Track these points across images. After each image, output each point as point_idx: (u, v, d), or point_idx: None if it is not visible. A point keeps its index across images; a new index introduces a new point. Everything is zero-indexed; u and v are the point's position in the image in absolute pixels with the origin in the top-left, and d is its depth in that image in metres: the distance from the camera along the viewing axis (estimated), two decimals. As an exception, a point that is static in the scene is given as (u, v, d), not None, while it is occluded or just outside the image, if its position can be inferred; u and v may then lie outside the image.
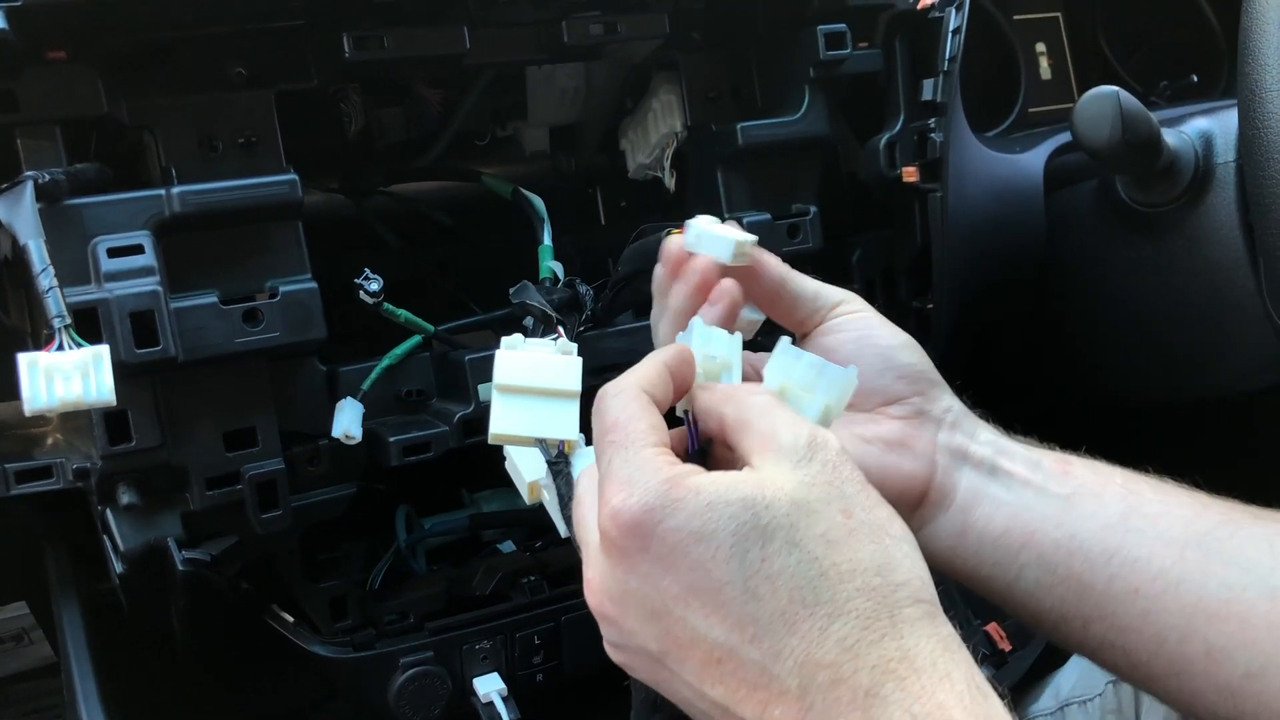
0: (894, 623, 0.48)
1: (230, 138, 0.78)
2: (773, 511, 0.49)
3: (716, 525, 0.49)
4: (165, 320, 0.71)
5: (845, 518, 0.50)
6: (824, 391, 0.58)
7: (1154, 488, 0.63)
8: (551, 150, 1.11)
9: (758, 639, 0.48)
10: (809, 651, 0.47)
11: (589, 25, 0.87)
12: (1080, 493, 0.63)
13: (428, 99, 0.99)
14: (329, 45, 0.80)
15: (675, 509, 0.49)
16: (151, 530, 0.77)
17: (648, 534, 0.50)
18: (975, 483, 0.65)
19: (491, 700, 0.87)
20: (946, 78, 0.97)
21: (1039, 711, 0.96)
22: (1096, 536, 0.61)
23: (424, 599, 0.91)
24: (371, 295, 0.77)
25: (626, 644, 0.53)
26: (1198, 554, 0.59)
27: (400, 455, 0.81)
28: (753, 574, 0.48)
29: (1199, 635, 0.57)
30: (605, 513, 0.51)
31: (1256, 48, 0.85)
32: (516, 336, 0.65)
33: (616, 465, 0.52)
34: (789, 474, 0.50)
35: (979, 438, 0.67)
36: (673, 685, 0.52)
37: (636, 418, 0.54)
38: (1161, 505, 0.62)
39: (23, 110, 0.73)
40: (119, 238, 0.72)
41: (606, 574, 0.52)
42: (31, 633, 1.27)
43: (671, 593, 0.49)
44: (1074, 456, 0.66)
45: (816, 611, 0.47)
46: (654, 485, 0.50)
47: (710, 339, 0.62)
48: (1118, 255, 1.07)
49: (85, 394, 0.62)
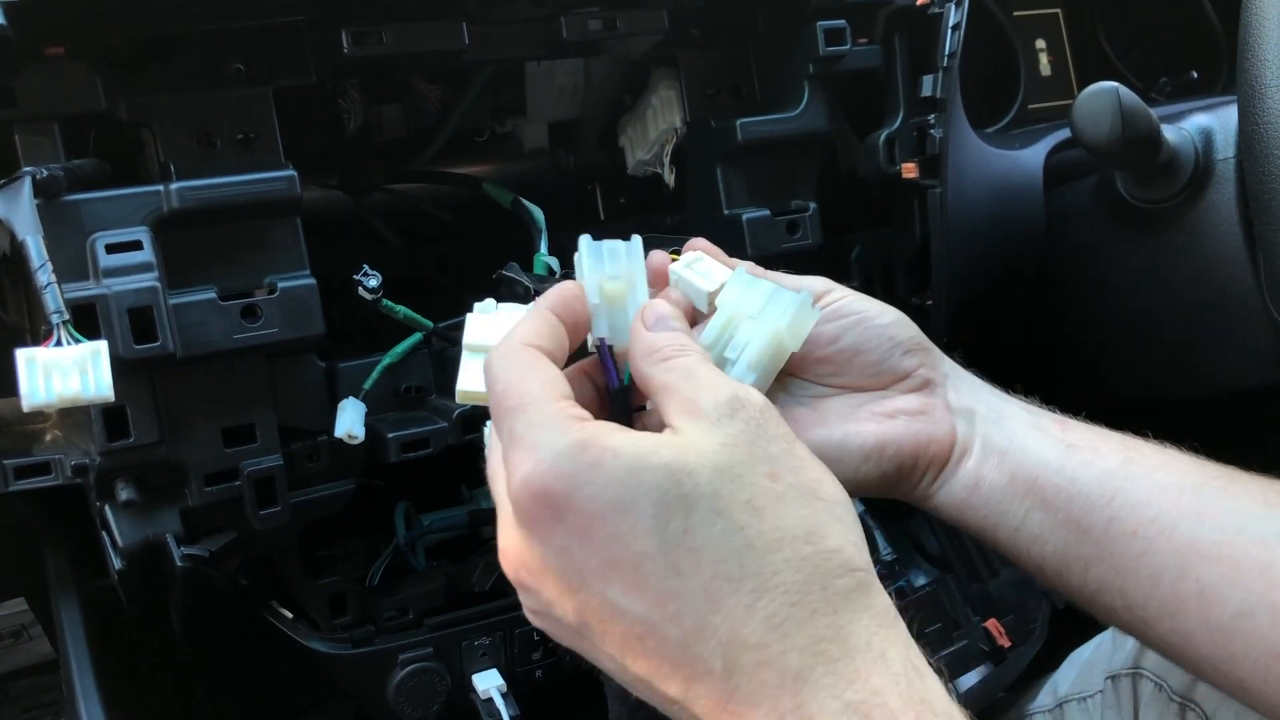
0: (825, 596, 0.45)
1: (229, 134, 0.78)
2: (695, 479, 0.46)
3: (637, 494, 0.46)
4: (164, 316, 0.71)
5: (771, 481, 0.47)
6: (772, 318, 0.55)
7: (1150, 444, 0.65)
8: (551, 147, 1.11)
9: (679, 616, 0.45)
10: (734, 630, 0.44)
11: (588, 21, 0.87)
12: (1080, 444, 0.64)
13: (427, 96, 0.99)
14: (328, 41, 0.79)
15: (591, 475, 0.46)
16: (150, 526, 0.77)
17: (562, 503, 0.46)
18: (986, 435, 0.66)
19: (491, 696, 0.87)
20: (946, 74, 0.97)
21: (1037, 709, 0.96)
22: (1096, 481, 0.62)
23: (423, 595, 0.91)
24: (370, 291, 0.77)
25: (545, 612, 0.50)
26: (1194, 500, 0.60)
27: (399, 451, 0.81)
28: (674, 547, 0.45)
29: (1192, 575, 0.58)
30: (515, 481, 0.47)
31: (1256, 44, 0.85)
32: (489, 301, 0.64)
33: (520, 429, 0.48)
34: (710, 436, 0.48)
35: (979, 395, 0.68)
36: (596, 656, 0.50)
37: (527, 377, 0.50)
38: (1158, 458, 0.63)
39: (21, 106, 0.72)
40: (117, 234, 0.72)
41: (520, 543, 0.49)
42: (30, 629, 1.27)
43: (589, 566, 0.46)
44: (1070, 418, 0.67)
45: (742, 586, 0.45)
46: (564, 448, 0.47)
47: (604, 257, 0.57)
48: (1117, 252, 1.07)
49: (84, 390, 0.62)
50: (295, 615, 0.87)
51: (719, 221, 0.95)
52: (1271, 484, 0.61)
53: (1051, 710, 0.95)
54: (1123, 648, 0.89)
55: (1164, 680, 0.83)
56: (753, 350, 0.56)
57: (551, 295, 0.55)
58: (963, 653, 0.99)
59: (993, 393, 0.69)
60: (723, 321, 0.56)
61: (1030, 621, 1.00)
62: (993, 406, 0.68)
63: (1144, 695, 0.85)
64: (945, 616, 1.01)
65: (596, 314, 0.57)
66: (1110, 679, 0.89)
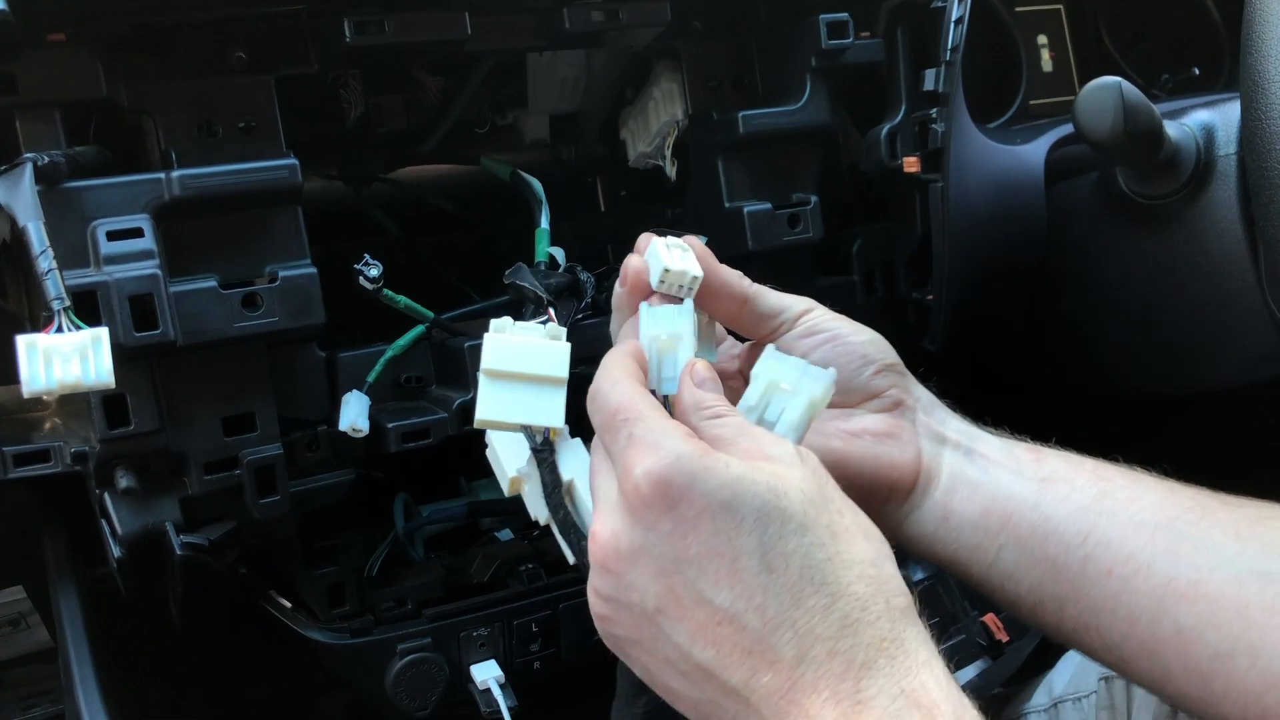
0: (888, 608, 0.52)
1: (230, 122, 0.78)
2: (790, 498, 0.53)
3: (744, 499, 0.52)
4: (164, 304, 0.71)
5: (841, 517, 0.55)
6: (808, 389, 0.62)
7: (1123, 474, 0.65)
8: (552, 139, 1.10)
9: (764, 608, 0.51)
10: (810, 625, 0.51)
11: (590, 12, 0.87)
12: (1053, 477, 0.65)
13: (428, 87, 0.99)
14: (329, 30, 0.79)
15: (708, 476, 0.53)
16: (149, 515, 0.77)
17: (678, 495, 0.53)
18: (955, 466, 0.67)
19: (489, 687, 0.87)
20: (948, 68, 0.97)
21: (1033, 709, 0.96)
22: (1070, 519, 0.63)
23: (422, 586, 0.91)
24: (371, 281, 0.77)
25: (620, 597, 0.55)
26: (1167, 537, 0.60)
27: (399, 441, 0.81)
28: (770, 549, 0.52)
29: (1169, 615, 0.59)
30: (637, 472, 0.53)
31: (1259, 39, 0.85)
32: (505, 319, 0.65)
33: (640, 432, 0.55)
34: (791, 473, 0.54)
35: (950, 425, 0.69)
36: (655, 643, 0.55)
37: (638, 398, 0.57)
38: (1131, 490, 0.63)
39: (22, 93, 0.73)
40: (118, 221, 0.72)
41: (622, 528, 0.54)
42: (29, 617, 1.27)
43: (688, 554, 0.52)
44: (1043, 447, 0.68)
45: (822, 590, 0.51)
46: (686, 450, 0.53)
47: (656, 318, 0.63)
48: (1118, 247, 1.07)
49: (84, 376, 0.62)
50: (294, 605, 0.87)
51: (720, 214, 0.95)
52: (1242, 514, 0.61)
53: (1046, 710, 0.95)
54: None
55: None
56: (791, 414, 0.62)
57: (632, 345, 0.63)
58: (960, 647, 0.99)
59: (964, 422, 0.69)
60: (761, 389, 0.62)
61: (1028, 616, 1.00)
62: (965, 434, 0.68)
63: (1138, 697, 0.85)
64: (943, 611, 1.01)
65: (648, 365, 0.63)
66: (1104, 680, 0.89)
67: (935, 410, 0.69)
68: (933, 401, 0.70)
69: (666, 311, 0.64)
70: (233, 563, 0.82)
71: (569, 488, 0.64)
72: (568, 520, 0.63)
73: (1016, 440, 0.68)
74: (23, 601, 1.24)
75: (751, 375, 0.64)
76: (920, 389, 0.70)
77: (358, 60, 0.91)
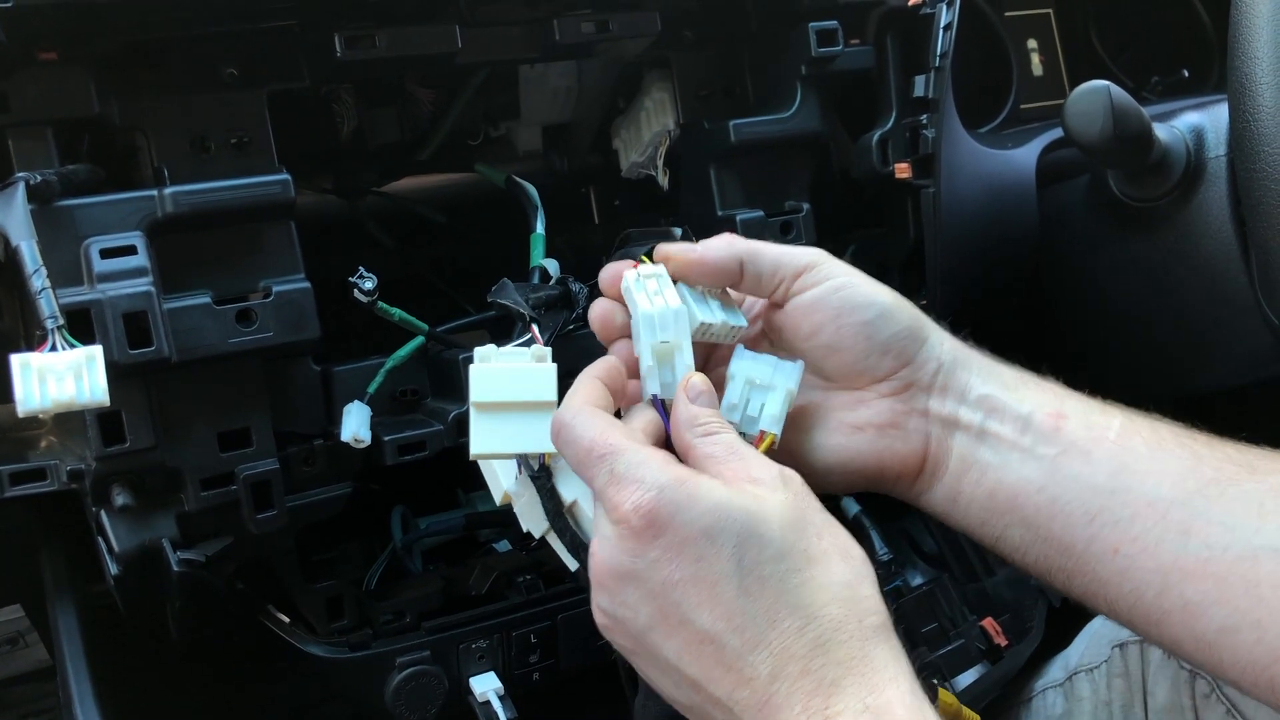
0: (860, 628, 0.55)
1: (222, 138, 0.78)
2: (768, 525, 0.56)
3: (723, 526, 0.55)
4: (158, 321, 0.71)
5: (819, 540, 0.57)
6: (782, 382, 0.66)
7: (1149, 441, 0.63)
8: (544, 150, 1.11)
9: (742, 629, 0.54)
10: (785, 646, 0.54)
11: (581, 24, 0.87)
12: (1068, 452, 0.64)
13: (420, 99, 0.99)
14: (320, 45, 0.79)
15: (689, 505, 0.56)
16: (146, 531, 0.77)
17: (664, 525, 0.56)
18: (964, 450, 0.66)
19: (488, 699, 0.87)
20: (938, 74, 0.98)
21: (1049, 683, 0.97)
22: (1079, 499, 0.62)
23: (420, 598, 0.91)
24: (366, 294, 0.77)
25: (615, 613, 0.59)
26: (1183, 514, 0.60)
27: (396, 454, 0.81)
28: (747, 574, 0.55)
29: (1175, 591, 0.59)
30: (626, 507, 0.56)
31: (1247, 41, 0.85)
32: (490, 348, 0.67)
33: (621, 468, 0.58)
34: (773, 497, 0.57)
35: (970, 397, 0.67)
36: (651, 655, 0.58)
37: (608, 430, 0.60)
38: (1152, 461, 0.62)
39: (14, 111, 0.73)
40: (111, 238, 0.72)
41: (615, 552, 0.57)
42: (27, 636, 1.27)
43: (673, 579, 0.56)
44: (1070, 405, 0.65)
45: (796, 613, 0.54)
46: (667, 481, 0.56)
47: (656, 326, 0.65)
48: (1110, 250, 1.07)
49: (79, 394, 0.62)
50: (292, 619, 0.87)
51: (713, 222, 0.95)
52: (1270, 483, 0.60)
53: (1062, 684, 0.96)
54: None
55: None
56: (772, 407, 0.66)
57: (598, 366, 0.65)
58: (959, 652, 0.99)
59: (985, 391, 0.67)
60: (740, 388, 0.66)
61: (1027, 620, 1.00)
62: (982, 408, 0.66)
63: (1152, 662, 0.85)
64: (942, 616, 1.01)
65: (650, 374, 0.65)
66: (1118, 647, 0.89)
67: (953, 383, 0.67)
68: (952, 370, 0.67)
69: (664, 317, 0.65)
70: (230, 578, 0.82)
71: (571, 508, 0.64)
72: (576, 540, 0.64)
73: (1041, 400, 0.66)
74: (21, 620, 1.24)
75: (728, 375, 0.67)
76: (939, 353, 0.67)
77: (349, 74, 0.91)
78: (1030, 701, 0.98)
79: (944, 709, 0.89)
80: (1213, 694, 0.79)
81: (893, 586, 1.03)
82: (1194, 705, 0.80)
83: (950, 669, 0.99)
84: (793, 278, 0.68)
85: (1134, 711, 0.85)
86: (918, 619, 1.01)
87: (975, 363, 0.68)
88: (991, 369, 0.68)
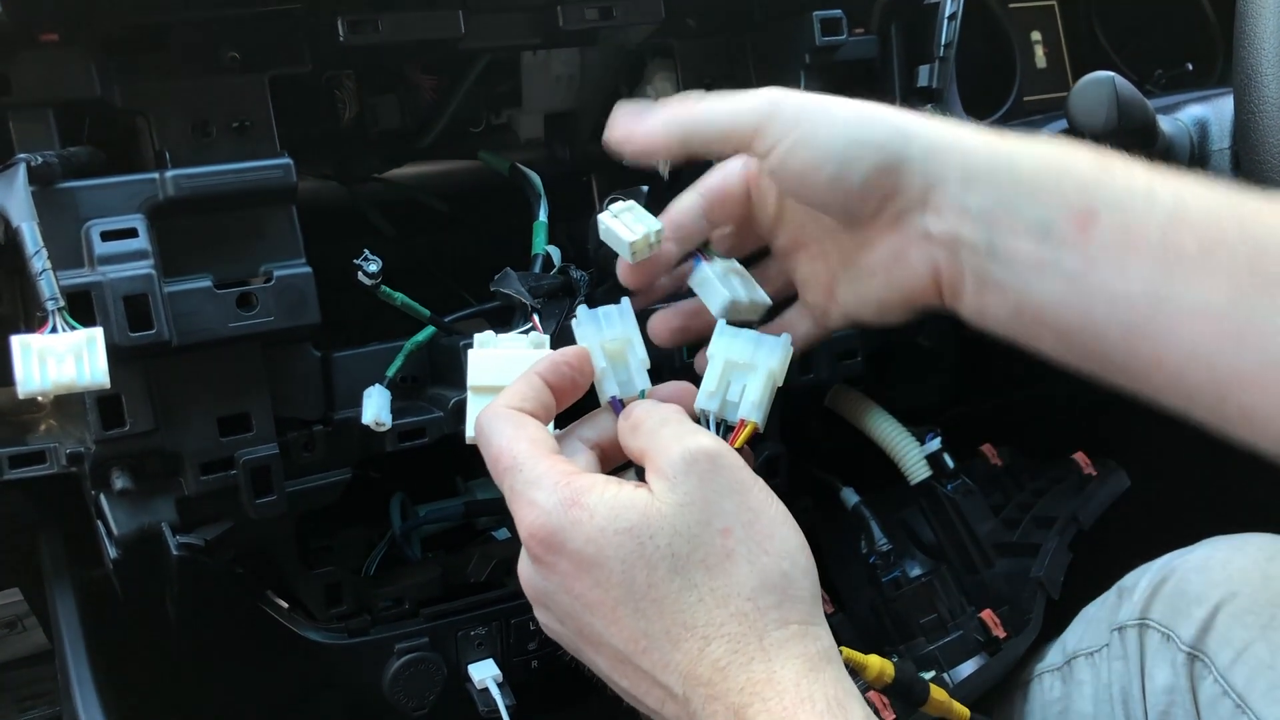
0: (762, 646, 0.52)
1: (224, 122, 0.78)
2: (656, 541, 0.53)
3: (606, 553, 0.53)
4: (159, 304, 0.70)
5: (724, 539, 0.53)
6: (765, 361, 0.63)
7: (1202, 237, 0.53)
8: (546, 138, 1.10)
9: (648, 651, 0.53)
10: (690, 668, 0.52)
11: (584, 10, 0.87)
12: (1101, 259, 0.55)
13: (422, 86, 0.99)
14: (323, 29, 0.79)
15: (574, 531, 0.54)
16: (145, 515, 0.77)
17: (556, 549, 0.55)
18: (977, 269, 0.59)
19: (487, 686, 0.88)
20: (942, 64, 0.97)
21: (1048, 667, 0.97)
22: (1113, 315, 0.55)
23: (419, 585, 0.91)
24: (370, 276, 0.77)
25: (551, 627, 0.59)
26: (1236, 324, 0.52)
27: (396, 441, 0.81)
28: (641, 597, 0.53)
29: (1232, 400, 0.53)
30: (522, 530, 0.56)
31: (1252, 32, 0.85)
32: (489, 333, 0.67)
33: (518, 487, 0.56)
34: (669, 496, 0.54)
35: (972, 210, 0.58)
36: (590, 664, 0.58)
37: (515, 439, 0.58)
38: (1203, 263, 0.53)
39: (15, 93, 0.72)
40: (112, 221, 0.71)
41: (531, 573, 0.58)
42: (25, 620, 1.27)
43: (581, 601, 0.55)
44: (1104, 198, 0.56)
45: (695, 633, 0.52)
46: (553, 506, 0.54)
47: (600, 322, 0.64)
48: (1113, 242, 1.07)
49: (79, 376, 0.62)
50: (291, 605, 0.87)
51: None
52: None
53: (1060, 668, 0.95)
54: (1129, 600, 0.89)
55: (1172, 630, 0.83)
56: (753, 392, 0.62)
57: (544, 363, 0.62)
58: (958, 643, 0.99)
59: (984, 202, 0.58)
60: (719, 371, 0.63)
61: (1025, 612, 1.00)
62: (983, 230, 0.58)
63: (1150, 646, 0.85)
64: (941, 607, 1.01)
65: (605, 376, 0.63)
66: (1116, 631, 0.89)
67: (947, 195, 0.59)
68: (943, 178, 0.59)
69: (608, 313, 0.64)
70: (229, 563, 0.82)
71: None
72: None
73: (1068, 183, 0.57)
74: (19, 604, 1.25)
75: (707, 356, 0.64)
76: (927, 168, 0.59)
77: (352, 59, 0.91)
78: (1028, 685, 0.98)
79: (935, 705, 0.90)
80: (1210, 676, 0.79)
81: (891, 577, 1.03)
82: (1191, 687, 0.80)
83: (948, 660, 0.99)
84: (750, 136, 0.62)
85: (1132, 694, 0.85)
86: (916, 610, 1.01)
87: (975, 165, 0.59)
88: (998, 168, 0.58)
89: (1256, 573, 0.82)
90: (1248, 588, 0.81)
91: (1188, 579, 0.85)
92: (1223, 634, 0.80)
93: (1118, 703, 0.87)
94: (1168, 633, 0.83)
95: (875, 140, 0.60)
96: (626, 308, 0.65)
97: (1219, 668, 0.79)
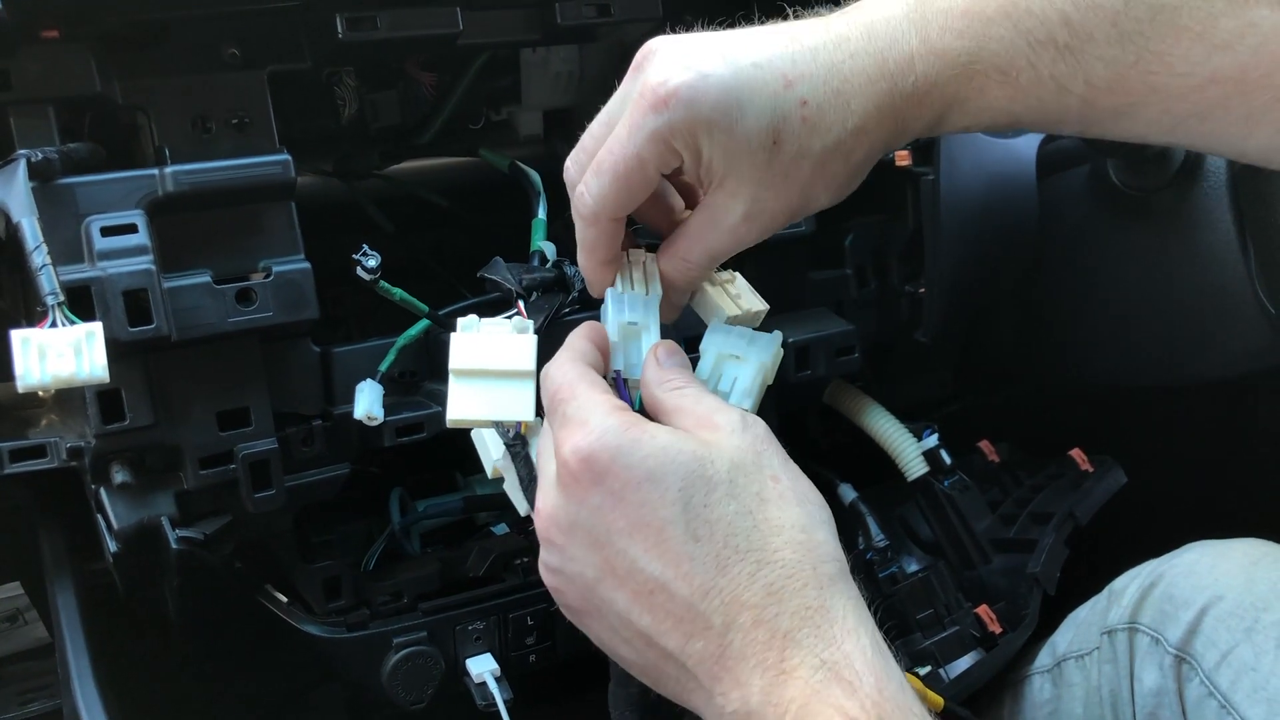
0: (815, 575, 0.53)
1: (223, 118, 0.78)
2: (716, 466, 0.54)
3: (668, 469, 0.54)
4: (158, 299, 0.71)
5: (774, 483, 0.55)
6: (756, 355, 0.63)
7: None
8: (546, 134, 1.10)
9: (690, 576, 0.53)
10: (736, 593, 0.52)
11: (583, 7, 0.87)
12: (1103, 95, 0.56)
13: (422, 82, 0.99)
14: (322, 25, 0.80)
15: (632, 448, 0.54)
16: (145, 509, 0.77)
17: (604, 469, 0.54)
18: (961, 119, 0.60)
19: (485, 681, 0.88)
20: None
21: (1038, 669, 0.97)
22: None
23: (418, 580, 0.91)
24: (369, 271, 0.77)
25: (564, 569, 0.57)
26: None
27: (394, 436, 0.82)
28: (694, 517, 0.53)
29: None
30: (565, 449, 0.55)
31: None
32: (471, 318, 0.67)
33: (571, 410, 0.57)
34: (727, 440, 0.55)
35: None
36: (600, 612, 0.57)
37: (578, 379, 0.59)
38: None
39: (16, 89, 0.73)
40: (112, 217, 0.72)
41: (558, 503, 0.57)
42: (26, 613, 1.28)
43: (618, 526, 0.54)
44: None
45: (747, 557, 0.53)
46: (611, 425, 0.55)
47: (625, 305, 0.65)
48: (1110, 239, 1.07)
49: (78, 371, 0.62)
50: (290, 599, 0.87)
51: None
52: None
53: (1050, 670, 0.96)
54: (1119, 604, 0.90)
55: (1160, 634, 0.84)
56: (743, 381, 0.63)
57: (585, 326, 0.64)
58: (954, 639, 1.00)
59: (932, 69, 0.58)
60: (711, 362, 0.64)
61: (1022, 608, 1.00)
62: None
63: (1140, 649, 0.86)
64: (937, 602, 1.02)
65: (615, 350, 0.64)
66: (1106, 634, 0.90)
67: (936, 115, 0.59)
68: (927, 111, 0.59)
69: (634, 299, 0.65)
70: (228, 557, 0.82)
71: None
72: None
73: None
74: (20, 598, 1.25)
75: (700, 350, 0.65)
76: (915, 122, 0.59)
77: (351, 55, 0.91)
78: (1018, 686, 0.98)
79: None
80: (1196, 677, 0.80)
81: (888, 573, 1.03)
82: (1178, 689, 0.81)
83: (944, 656, 0.99)
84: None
85: (1121, 696, 0.86)
86: (913, 605, 1.01)
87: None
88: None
89: (1241, 576, 0.83)
90: (1232, 591, 0.82)
91: (1176, 583, 0.86)
92: (1208, 636, 0.81)
93: (1107, 705, 0.88)
94: (1156, 636, 0.84)
95: (768, 122, 0.61)
96: (654, 299, 0.65)
97: (1205, 669, 0.80)
